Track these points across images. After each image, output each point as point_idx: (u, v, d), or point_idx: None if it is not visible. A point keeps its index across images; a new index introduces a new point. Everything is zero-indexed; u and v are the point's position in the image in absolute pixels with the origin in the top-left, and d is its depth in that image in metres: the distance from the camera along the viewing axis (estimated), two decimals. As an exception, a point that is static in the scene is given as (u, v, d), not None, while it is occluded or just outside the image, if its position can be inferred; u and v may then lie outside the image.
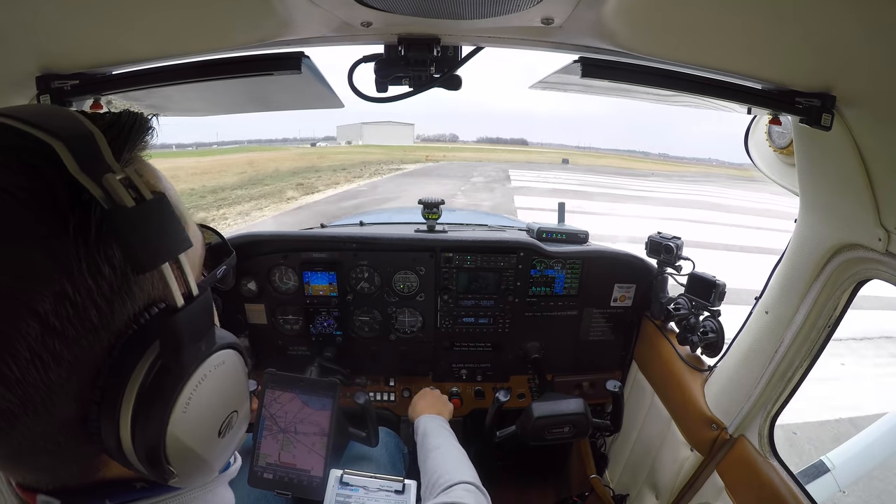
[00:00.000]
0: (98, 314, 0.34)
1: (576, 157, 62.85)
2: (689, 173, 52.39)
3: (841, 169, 0.88)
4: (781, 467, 1.21)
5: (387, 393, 1.88)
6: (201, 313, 0.39)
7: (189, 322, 0.38)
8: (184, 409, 0.38)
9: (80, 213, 0.32)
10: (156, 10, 0.71)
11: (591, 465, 1.97)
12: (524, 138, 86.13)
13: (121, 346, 0.36)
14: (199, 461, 0.41)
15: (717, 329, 1.49)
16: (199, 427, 0.39)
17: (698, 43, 0.79)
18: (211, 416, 0.41)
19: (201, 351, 0.39)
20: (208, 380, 0.40)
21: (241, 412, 0.45)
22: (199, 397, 0.39)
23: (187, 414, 0.38)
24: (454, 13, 0.75)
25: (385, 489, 1.12)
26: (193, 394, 0.38)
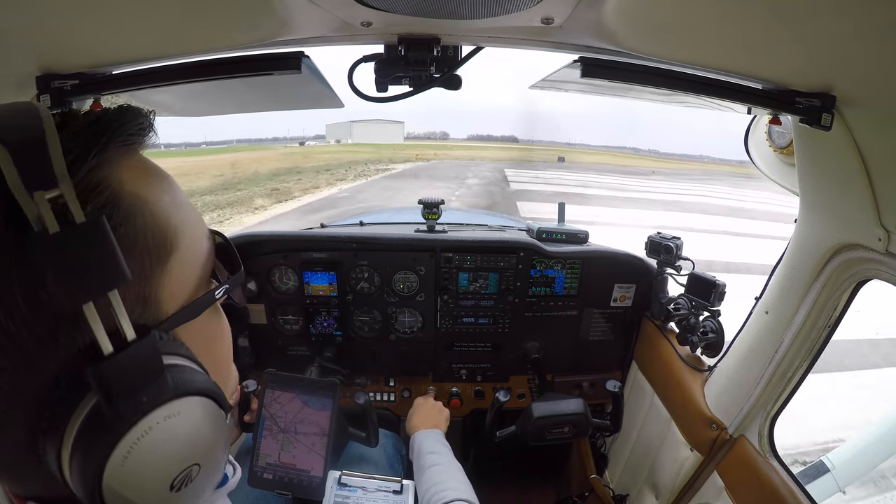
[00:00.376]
0: (37, 345, 0.32)
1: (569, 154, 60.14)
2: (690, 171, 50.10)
3: (841, 169, 0.88)
4: (781, 467, 1.21)
5: (387, 393, 1.88)
6: (140, 361, 0.33)
7: (120, 372, 0.32)
8: (121, 462, 0.33)
9: (14, 233, 0.30)
10: (156, 10, 0.71)
11: (591, 465, 1.97)
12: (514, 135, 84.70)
13: (67, 378, 0.33)
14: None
15: (717, 329, 1.49)
16: (142, 482, 0.35)
17: (698, 43, 0.79)
18: (159, 470, 0.36)
19: (142, 403, 0.34)
20: (155, 432, 0.34)
21: (207, 464, 0.39)
22: (143, 451, 0.34)
23: (125, 468, 0.33)
24: (454, 13, 0.75)
25: (383, 489, 1.13)
26: (134, 446, 0.33)
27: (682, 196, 21.12)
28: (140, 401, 0.34)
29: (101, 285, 0.31)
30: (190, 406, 0.37)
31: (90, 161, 0.34)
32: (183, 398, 0.36)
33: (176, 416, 0.36)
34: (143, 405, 0.34)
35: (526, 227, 1.96)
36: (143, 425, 0.34)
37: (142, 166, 0.40)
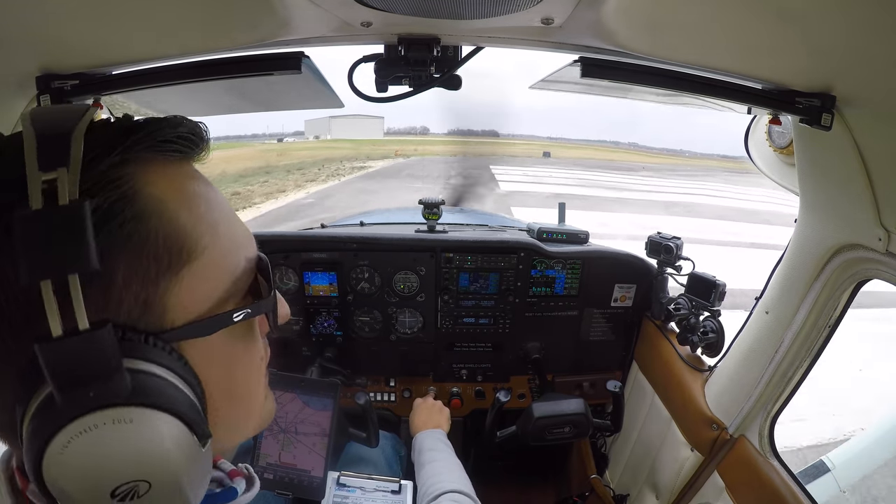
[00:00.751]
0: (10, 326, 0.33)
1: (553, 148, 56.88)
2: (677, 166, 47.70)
3: (841, 169, 0.88)
4: (782, 467, 1.21)
5: (387, 393, 1.88)
6: (91, 353, 0.32)
7: (64, 357, 0.32)
8: (60, 450, 0.32)
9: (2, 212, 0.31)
10: (156, 10, 0.71)
11: (592, 465, 1.97)
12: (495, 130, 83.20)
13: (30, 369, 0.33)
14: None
15: (717, 329, 1.49)
16: (78, 477, 0.34)
17: (698, 43, 0.79)
18: (100, 473, 0.34)
19: (88, 397, 0.32)
20: (101, 432, 0.33)
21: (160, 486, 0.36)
22: (82, 446, 0.33)
23: (64, 457, 0.33)
24: (454, 13, 0.75)
25: (381, 489, 1.13)
26: (75, 439, 0.33)
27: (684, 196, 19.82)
28: (86, 394, 0.33)
29: (61, 266, 0.31)
30: (147, 418, 0.35)
31: (112, 157, 0.35)
32: (140, 408, 0.34)
33: (127, 424, 0.34)
34: (88, 400, 0.33)
35: (526, 227, 1.96)
36: (86, 420, 0.33)
37: (177, 174, 0.40)
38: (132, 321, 0.36)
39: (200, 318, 0.40)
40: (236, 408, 0.47)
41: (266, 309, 0.47)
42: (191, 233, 0.38)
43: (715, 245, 9.31)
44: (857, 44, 0.64)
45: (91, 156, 0.34)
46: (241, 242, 0.45)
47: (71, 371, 0.32)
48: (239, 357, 0.46)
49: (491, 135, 79.28)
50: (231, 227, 0.44)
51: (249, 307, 0.43)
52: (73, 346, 0.32)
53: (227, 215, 0.44)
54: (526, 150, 51.85)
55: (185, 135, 0.40)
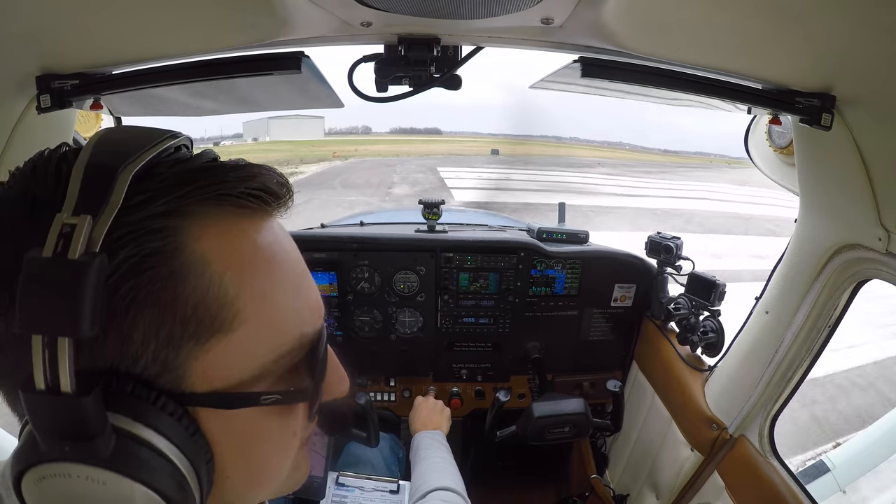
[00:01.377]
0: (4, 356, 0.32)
1: (499, 145, 50.31)
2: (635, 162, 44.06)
3: (841, 169, 0.88)
4: (782, 467, 1.21)
5: (387, 393, 1.88)
6: (71, 417, 0.30)
7: (44, 411, 0.30)
8: (35, 481, 0.32)
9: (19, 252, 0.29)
10: (156, 10, 0.71)
11: (592, 465, 1.97)
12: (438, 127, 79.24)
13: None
14: None
15: (717, 329, 1.49)
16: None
17: (698, 43, 0.79)
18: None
19: (63, 450, 0.31)
20: (73, 482, 0.32)
21: None
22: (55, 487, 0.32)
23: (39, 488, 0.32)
24: (454, 13, 0.75)
25: (380, 489, 1.13)
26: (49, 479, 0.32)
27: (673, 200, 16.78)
28: (62, 447, 0.31)
29: (51, 327, 0.29)
30: (121, 485, 0.32)
31: (159, 205, 0.32)
32: (115, 474, 0.32)
33: (99, 484, 0.32)
34: (63, 452, 0.31)
35: (526, 227, 1.96)
36: (59, 468, 0.31)
37: (237, 230, 0.35)
38: (149, 377, 0.33)
39: (225, 390, 0.35)
40: (252, 478, 0.42)
41: (303, 399, 0.40)
42: (232, 302, 0.34)
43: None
44: (857, 44, 0.64)
45: (137, 200, 0.31)
46: (301, 317, 0.40)
47: (50, 424, 0.31)
48: (266, 433, 0.40)
49: (434, 132, 76.53)
50: (291, 296, 0.39)
51: (283, 394, 0.38)
52: (52, 404, 0.30)
53: (291, 284, 0.39)
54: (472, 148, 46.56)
55: (255, 191, 0.35)
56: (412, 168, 24.24)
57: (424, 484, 1.04)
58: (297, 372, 0.40)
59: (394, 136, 54.54)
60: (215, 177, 0.34)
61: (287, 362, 0.39)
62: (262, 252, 0.37)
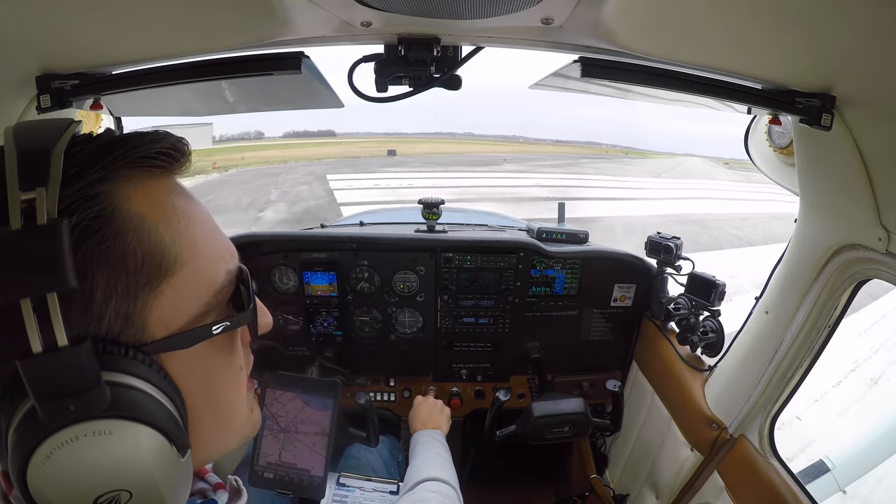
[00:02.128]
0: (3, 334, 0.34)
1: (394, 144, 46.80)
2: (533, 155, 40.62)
3: (841, 169, 0.88)
4: (782, 467, 1.21)
5: (387, 393, 1.88)
6: (71, 369, 0.34)
7: (45, 373, 0.33)
8: (43, 461, 0.34)
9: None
10: (156, 10, 0.71)
11: (591, 465, 1.97)
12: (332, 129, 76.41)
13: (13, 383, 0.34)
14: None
15: (717, 329, 1.49)
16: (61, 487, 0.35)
17: (698, 43, 0.79)
18: (82, 483, 0.35)
19: (68, 410, 0.34)
20: (81, 443, 0.35)
21: (141, 495, 0.37)
22: (64, 457, 0.34)
23: (47, 467, 0.34)
24: (454, 13, 0.75)
25: (380, 490, 1.14)
26: (56, 451, 0.34)
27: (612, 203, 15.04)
28: (66, 408, 0.34)
29: (39, 285, 0.32)
30: (126, 430, 0.36)
31: (91, 174, 0.36)
32: (119, 420, 0.35)
33: (107, 435, 0.35)
34: (69, 413, 0.34)
35: (526, 227, 1.97)
36: (67, 433, 0.34)
37: (157, 189, 0.41)
38: (113, 335, 0.37)
39: (180, 330, 0.40)
40: (218, 418, 0.47)
41: (246, 321, 0.47)
42: (170, 248, 0.39)
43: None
44: (857, 44, 0.64)
45: (71, 173, 0.35)
46: (222, 255, 0.46)
47: (51, 385, 0.33)
48: (219, 368, 0.46)
49: (328, 134, 73.55)
50: (212, 240, 0.45)
51: (229, 320, 0.44)
52: (52, 362, 0.33)
53: (209, 229, 0.45)
54: (367, 149, 42.76)
55: (165, 150, 0.41)
56: (298, 177, 20.32)
57: (415, 476, 1.05)
58: (233, 304, 0.46)
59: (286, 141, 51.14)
60: (131, 144, 0.39)
61: (223, 296, 0.45)
62: (182, 204, 0.42)
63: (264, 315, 0.52)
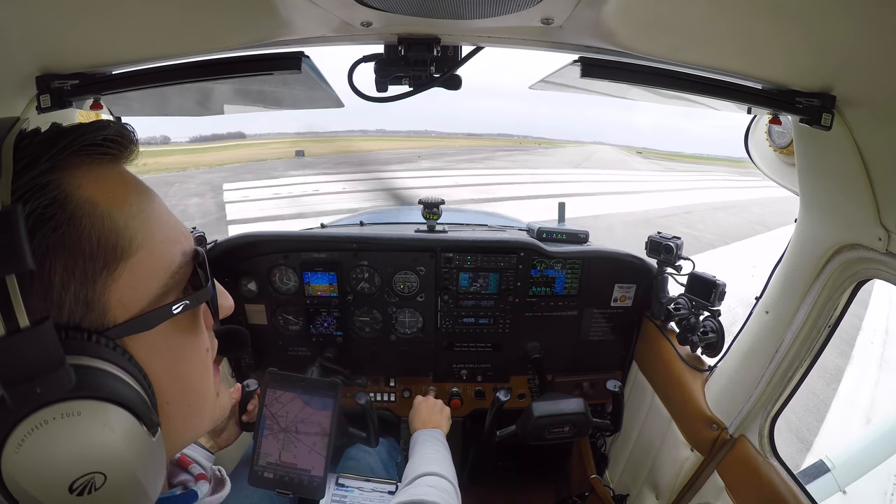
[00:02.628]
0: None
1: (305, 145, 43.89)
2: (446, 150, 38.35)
3: (841, 169, 0.88)
4: (782, 467, 1.21)
5: (387, 393, 1.88)
6: (34, 351, 0.34)
7: (8, 356, 0.33)
8: (15, 449, 0.34)
9: None
10: (156, 10, 0.71)
11: (592, 465, 1.97)
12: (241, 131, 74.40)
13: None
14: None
15: (717, 329, 1.49)
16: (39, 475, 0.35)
17: (698, 43, 0.79)
18: (55, 468, 0.36)
19: (35, 393, 0.34)
20: (51, 427, 0.35)
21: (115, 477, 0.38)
22: (36, 443, 0.35)
23: (20, 456, 0.34)
24: (454, 13, 0.75)
25: (379, 490, 1.14)
26: (27, 437, 0.34)
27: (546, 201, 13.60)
28: (33, 391, 0.34)
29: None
30: (95, 410, 0.36)
31: (41, 164, 0.37)
32: (86, 400, 0.36)
33: (75, 417, 0.36)
34: (36, 396, 0.34)
35: (526, 227, 1.97)
36: (36, 417, 0.34)
37: (106, 175, 0.42)
38: (75, 321, 0.38)
39: (141, 312, 0.41)
40: (187, 400, 0.48)
41: (204, 298, 0.48)
42: (123, 231, 0.40)
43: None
44: (857, 44, 0.64)
45: (21, 165, 0.35)
46: (177, 238, 0.46)
47: (16, 368, 0.33)
48: (184, 350, 0.47)
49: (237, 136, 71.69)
50: (165, 223, 0.46)
51: (188, 299, 0.45)
52: (16, 344, 0.33)
53: (161, 213, 0.46)
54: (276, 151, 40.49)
55: (111, 137, 0.41)
56: (192, 188, 18.19)
57: (414, 471, 1.06)
58: (191, 285, 0.48)
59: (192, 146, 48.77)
60: (77, 133, 0.39)
61: (181, 277, 0.46)
62: (132, 188, 0.43)
63: (225, 297, 0.54)
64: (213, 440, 1.15)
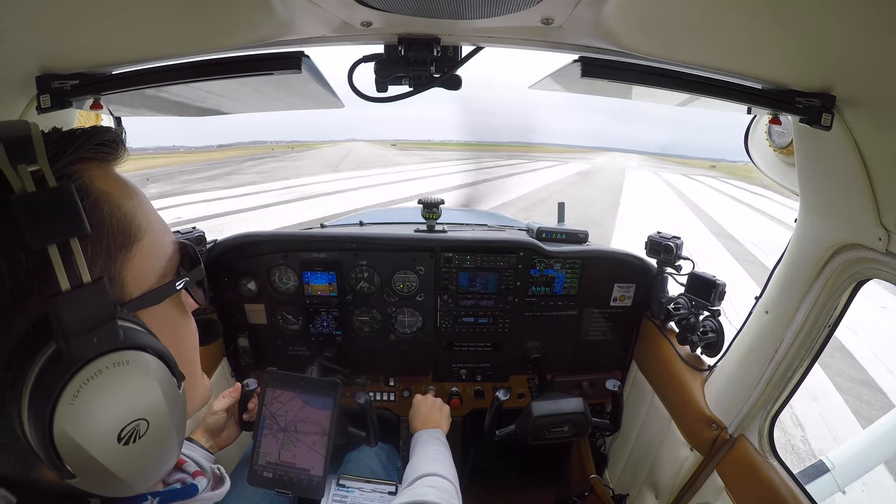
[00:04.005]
0: (11, 297, 0.37)
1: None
2: (193, 164, 31.66)
3: (841, 169, 0.88)
4: (781, 467, 1.21)
5: (387, 393, 1.88)
6: (94, 304, 0.39)
7: (73, 308, 0.37)
8: (70, 401, 0.37)
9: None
10: (156, 10, 0.71)
11: (591, 465, 1.97)
12: None
13: (33, 332, 0.38)
14: (98, 467, 0.39)
15: (716, 329, 1.49)
16: (91, 426, 0.38)
17: (698, 43, 0.79)
18: (107, 417, 0.39)
19: (93, 343, 0.38)
20: (104, 376, 0.38)
21: (155, 423, 0.42)
22: (90, 393, 0.38)
23: (74, 407, 0.37)
24: (454, 13, 0.75)
25: (379, 491, 1.14)
26: (83, 387, 0.37)
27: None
28: (91, 341, 0.38)
29: (65, 232, 0.38)
30: (140, 360, 0.41)
31: (66, 157, 0.41)
32: (133, 351, 0.41)
33: (125, 365, 0.40)
34: (93, 346, 0.38)
35: (526, 226, 1.97)
36: (93, 366, 0.38)
37: (111, 174, 0.47)
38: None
39: (150, 289, 0.47)
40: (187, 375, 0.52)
41: (200, 276, 0.55)
42: (133, 218, 0.46)
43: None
44: (856, 44, 0.64)
45: (51, 155, 0.40)
46: (167, 228, 0.53)
47: (78, 319, 0.38)
48: (181, 326, 0.54)
49: None
50: (157, 216, 0.51)
51: (188, 275, 0.52)
52: (80, 297, 0.38)
53: (152, 207, 0.52)
54: None
55: (115, 140, 0.47)
56: None
57: (415, 472, 1.06)
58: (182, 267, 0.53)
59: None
60: (87, 136, 0.44)
61: (174, 262, 0.52)
62: (131, 187, 0.49)
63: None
64: (212, 440, 1.15)
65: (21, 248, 0.37)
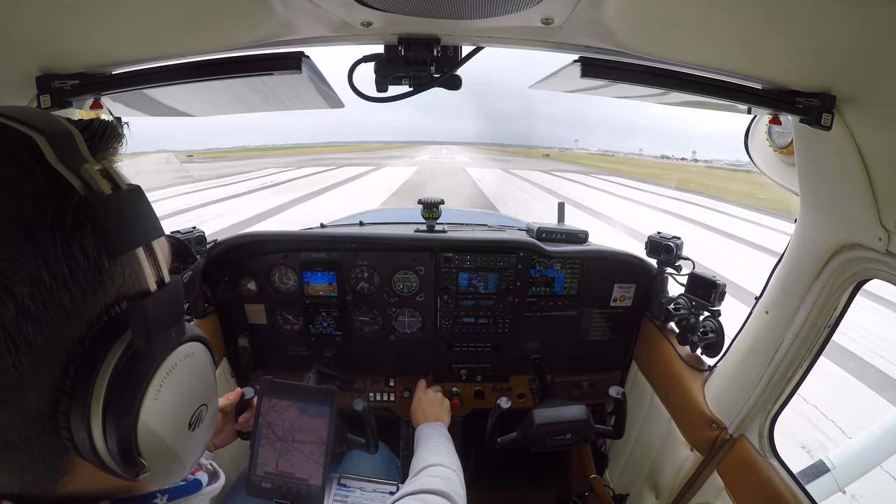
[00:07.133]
0: (71, 301, 0.35)
1: None
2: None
3: (841, 169, 0.88)
4: (781, 467, 1.21)
5: (387, 393, 1.88)
6: (172, 301, 0.40)
7: (160, 308, 0.39)
8: (155, 396, 0.38)
9: (57, 200, 0.34)
10: (156, 10, 0.71)
11: (591, 465, 1.97)
12: None
13: (93, 335, 0.37)
14: (171, 455, 0.41)
15: (717, 329, 1.49)
16: (170, 417, 0.40)
17: (698, 43, 0.79)
18: (181, 406, 0.41)
19: (171, 339, 0.40)
20: (178, 369, 0.40)
21: (211, 407, 0.46)
22: (170, 386, 0.39)
23: (158, 402, 0.38)
24: (454, 13, 0.75)
25: (380, 490, 1.14)
26: (164, 382, 0.39)
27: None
28: (170, 336, 0.40)
29: (148, 235, 0.39)
30: (199, 349, 0.44)
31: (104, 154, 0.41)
32: (194, 342, 0.43)
33: (192, 356, 0.42)
34: (172, 341, 0.40)
35: (526, 226, 1.96)
36: (171, 360, 0.40)
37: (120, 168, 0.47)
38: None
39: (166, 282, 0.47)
40: None
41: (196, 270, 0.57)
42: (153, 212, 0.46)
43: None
44: (856, 44, 0.65)
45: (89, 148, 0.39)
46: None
47: (159, 318, 0.39)
48: None
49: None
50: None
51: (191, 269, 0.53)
52: (164, 296, 0.39)
53: None
54: None
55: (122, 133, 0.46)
56: None
57: (419, 464, 1.07)
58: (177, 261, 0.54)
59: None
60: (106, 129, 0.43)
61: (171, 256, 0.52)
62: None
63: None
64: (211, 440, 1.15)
65: (98, 252, 0.36)
